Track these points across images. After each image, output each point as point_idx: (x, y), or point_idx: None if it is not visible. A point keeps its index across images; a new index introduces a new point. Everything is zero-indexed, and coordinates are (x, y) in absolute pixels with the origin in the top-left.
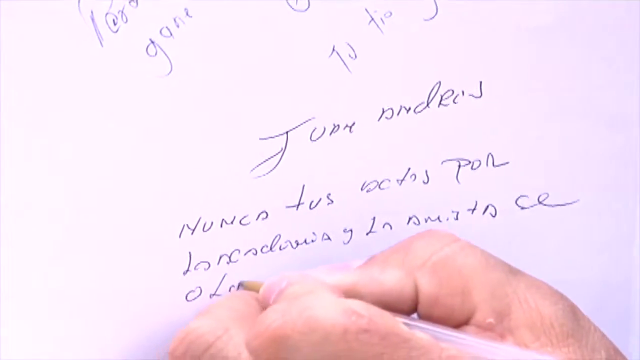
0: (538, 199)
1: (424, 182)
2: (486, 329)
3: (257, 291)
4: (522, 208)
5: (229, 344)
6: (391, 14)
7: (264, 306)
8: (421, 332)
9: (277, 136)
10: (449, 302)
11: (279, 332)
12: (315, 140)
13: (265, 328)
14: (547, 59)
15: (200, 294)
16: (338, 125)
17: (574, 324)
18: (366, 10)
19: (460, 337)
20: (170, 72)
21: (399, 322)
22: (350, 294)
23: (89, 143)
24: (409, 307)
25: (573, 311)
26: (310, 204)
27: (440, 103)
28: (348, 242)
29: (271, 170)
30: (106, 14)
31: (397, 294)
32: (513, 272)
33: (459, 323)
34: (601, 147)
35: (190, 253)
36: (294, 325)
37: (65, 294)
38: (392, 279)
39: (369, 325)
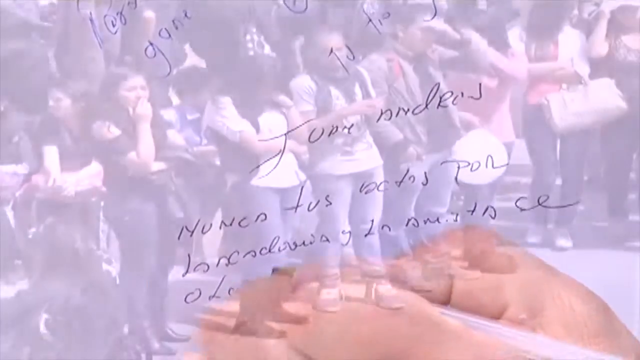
0: (538, 201)
1: (423, 183)
2: (518, 324)
3: (291, 276)
4: (522, 209)
5: (259, 323)
6: (389, 15)
7: (296, 289)
8: (453, 319)
9: (275, 138)
10: (481, 296)
11: (311, 310)
12: (313, 142)
13: (297, 305)
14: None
15: (199, 296)
16: (336, 127)
17: (606, 323)
18: (364, 11)
19: (493, 326)
20: (168, 74)
21: (431, 307)
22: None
23: (87, 144)
24: (442, 301)
25: (606, 311)
26: (309, 205)
27: (439, 104)
28: (346, 243)
29: (269, 172)
30: (105, 16)
31: (432, 287)
32: (552, 271)
33: (490, 318)
34: (601, 149)
35: (189, 255)
36: (326, 303)
37: (62, 296)
38: (427, 274)
39: (401, 307)
